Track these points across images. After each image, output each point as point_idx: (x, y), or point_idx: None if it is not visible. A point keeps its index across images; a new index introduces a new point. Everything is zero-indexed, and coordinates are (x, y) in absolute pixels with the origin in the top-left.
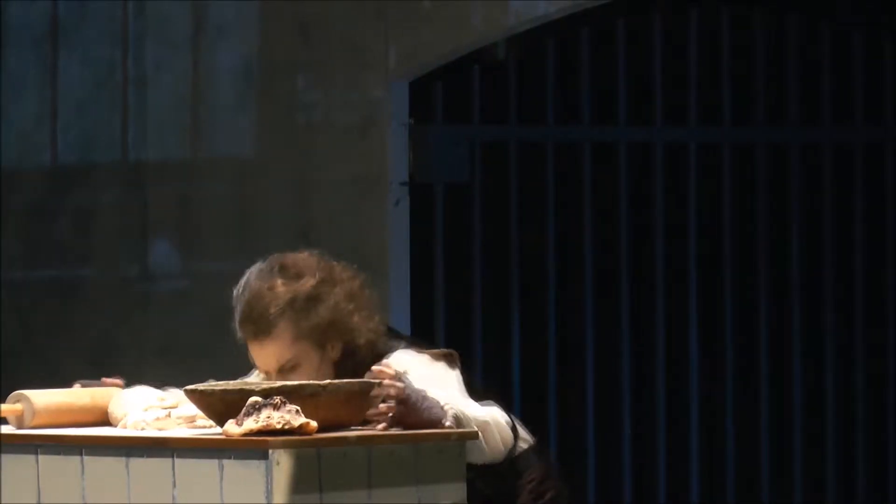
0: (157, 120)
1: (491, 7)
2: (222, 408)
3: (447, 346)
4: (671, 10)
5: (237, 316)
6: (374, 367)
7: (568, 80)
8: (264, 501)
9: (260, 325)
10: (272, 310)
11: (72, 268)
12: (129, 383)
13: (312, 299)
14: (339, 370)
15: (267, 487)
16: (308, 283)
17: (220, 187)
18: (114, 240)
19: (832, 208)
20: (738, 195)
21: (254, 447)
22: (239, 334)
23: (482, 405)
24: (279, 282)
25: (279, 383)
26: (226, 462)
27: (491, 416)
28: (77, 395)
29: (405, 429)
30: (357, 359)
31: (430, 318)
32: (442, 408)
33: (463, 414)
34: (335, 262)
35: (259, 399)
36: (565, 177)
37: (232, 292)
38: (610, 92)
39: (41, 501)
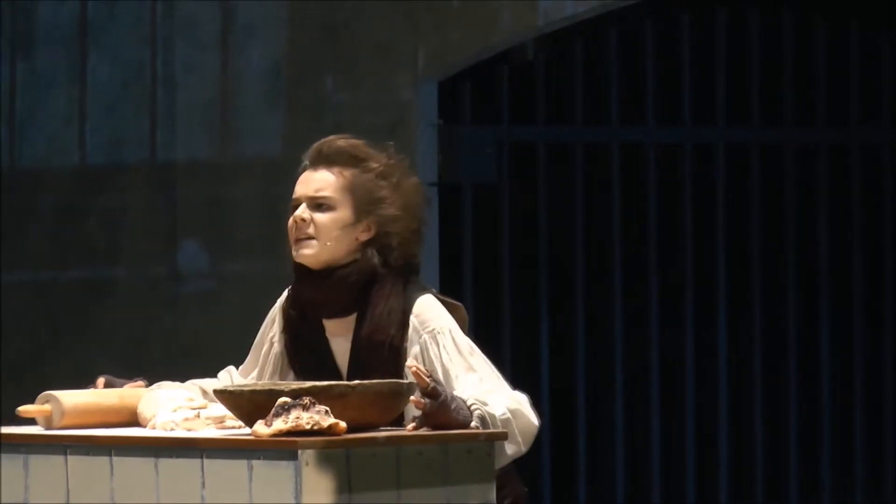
0: (186, 120)
1: (519, 7)
2: (251, 408)
3: None
4: (699, 11)
5: (316, 143)
6: (409, 363)
7: (596, 81)
8: (293, 502)
9: (329, 155)
10: (349, 150)
11: (100, 268)
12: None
13: (381, 174)
14: (357, 265)
15: (296, 488)
16: (387, 161)
17: (249, 188)
18: (142, 240)
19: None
20: (767, 195)
21: (283, 448)
22: (304, 160)
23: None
24: (367, 144)
25: (308, 384)
26: (255, 463)
27: (513, 410)
28: (105, 396)
29: (434, 429)
30: (382, 262)
31: None
32: (468, 408)
33: (488, 414)
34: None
35: (288, 400)
36: (593, 177)
37: (260, 293)
38: (638, 92)
39: (70, 502)
